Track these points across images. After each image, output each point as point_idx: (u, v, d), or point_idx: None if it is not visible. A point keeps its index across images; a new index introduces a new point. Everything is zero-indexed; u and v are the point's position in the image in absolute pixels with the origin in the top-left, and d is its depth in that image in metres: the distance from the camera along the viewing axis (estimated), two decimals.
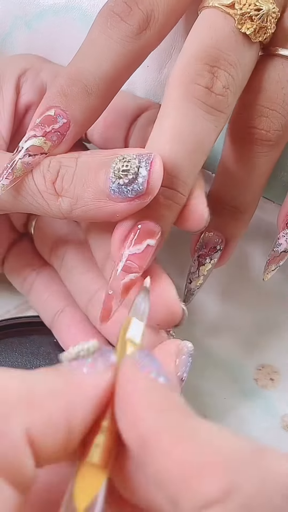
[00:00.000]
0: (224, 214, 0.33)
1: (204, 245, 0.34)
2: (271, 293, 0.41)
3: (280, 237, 0.33)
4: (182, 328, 0.40)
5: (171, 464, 0.18)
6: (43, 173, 0.28)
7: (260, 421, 0.38)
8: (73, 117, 0.29)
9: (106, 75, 0.29)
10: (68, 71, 0.29)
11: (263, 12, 0.28)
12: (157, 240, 0.28)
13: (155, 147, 0.28)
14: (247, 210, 0.33)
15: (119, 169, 0.27)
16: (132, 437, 0.19)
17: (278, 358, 0.40)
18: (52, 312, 0.35)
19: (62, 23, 0.36)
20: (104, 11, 0.29)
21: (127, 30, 0.29)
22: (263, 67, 0.30)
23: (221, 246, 0.34)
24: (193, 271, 0.34)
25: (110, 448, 0.20)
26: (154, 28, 0.29)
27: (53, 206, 0.28)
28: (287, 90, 0.30)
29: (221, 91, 0.28)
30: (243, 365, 0.39)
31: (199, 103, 0.28)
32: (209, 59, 0.28)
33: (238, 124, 0.31)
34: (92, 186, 0.28)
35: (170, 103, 0.28)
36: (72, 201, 0.28)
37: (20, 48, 0.38)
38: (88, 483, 0.19)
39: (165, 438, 0.18)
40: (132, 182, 0.27)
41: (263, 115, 0.30)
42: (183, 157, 0.28)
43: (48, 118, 0.29)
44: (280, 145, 0.31)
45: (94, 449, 0.20)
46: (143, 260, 0.28)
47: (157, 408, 0.19)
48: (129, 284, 0.28)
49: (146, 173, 0.27)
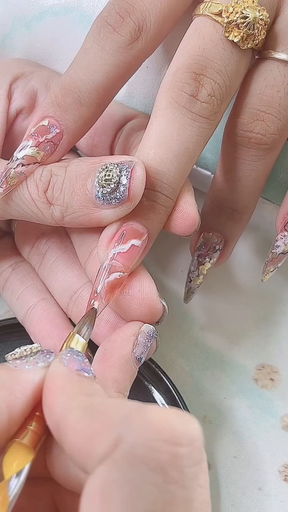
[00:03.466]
0: (222, 215, 0.33)
1: (204, 245, 0.34)
2: (271, 294, 0.41)
3: (278, 239, 0.33)
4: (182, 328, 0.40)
5: (75, 438, 0.21)
6: (36, 182, 0.29)
7: (260, 421, 0.38)
8: (66, 127, 0.29)
9: (98, 85, 0.29)
10: (63, 81, 0.30)
11: (249, 20, 0.28)
12: (143, 241, 0.29)
13: (141, 152, 0.29)
14: (245, 211, 0.33)
15: (102, 178, 0.28)
16: (50, 422, 0.22)
17: (278, 358, 0.40)
18: (25, 307, 0.35)
19: (62, 24, 0.36)
20: (98, 21, 0.30)
21: (119, 41, 0.29)
22: (259, 71, 0.30)
23: (220, 246, 0.34)
24: (193, 270, 0.35)
25: (40, 434, 0.23)
26: (146, 38, 0.29)
27: (46, 214, 0.29)
28: (282, 93, 0.30)
29: (206, 99, 0.29)
30: (243, 365, 0.39)
31: (185, 110, 0.29)
32: (195, 67, 0.29)
33: (234, 128, 0.31)
34: (79, 194, 0.29)
35: (158, 111, 0.29)
36: (62, 209, 0.29)
37: (20, 49, 0.38)
38: (17, 458, 0.22)
39: (71, 417, 0.21)
40: (114, 190, 0.28)
41: (259, 119, 0.30)
42: (167, 161, 0.29)
43: (41, 128, 0.29)
44: (276, 148, 0.31)
45: (26, 432, 0.23)
46: (128, 260, 0.29)
47: (69, 393, 0.22)
48: (114, 283, 0.29)
49: (126, 182, 0.28)
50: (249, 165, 0.31)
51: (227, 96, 0.29)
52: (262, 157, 0.31)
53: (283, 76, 0.30)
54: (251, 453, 0.37)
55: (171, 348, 0.40)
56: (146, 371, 0.36)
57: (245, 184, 0.32)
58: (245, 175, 0.31)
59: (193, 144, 0.29)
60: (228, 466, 0.36)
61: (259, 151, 0.31)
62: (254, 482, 0.36)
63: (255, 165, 0.31)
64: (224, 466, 0.36)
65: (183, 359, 0.39)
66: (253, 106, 0.30)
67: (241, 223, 0.34)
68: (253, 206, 0.34)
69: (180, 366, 0.39)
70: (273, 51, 0.30)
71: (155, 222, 0.29)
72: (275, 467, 0.36)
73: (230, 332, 0.41)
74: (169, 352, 0.39)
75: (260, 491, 0.36)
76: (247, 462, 0.36)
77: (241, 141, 0.31)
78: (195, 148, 0.29)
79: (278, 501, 0.35)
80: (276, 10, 0.30)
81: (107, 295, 0.29)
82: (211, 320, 0.41)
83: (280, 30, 0.30)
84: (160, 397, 0.36)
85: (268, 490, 0.36)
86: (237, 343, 0.40)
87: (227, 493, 0.35)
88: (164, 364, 0.36)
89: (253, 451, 0.37)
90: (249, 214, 0.34)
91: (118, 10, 0.29)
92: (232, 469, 0.36)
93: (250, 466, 0.36)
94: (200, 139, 0.29)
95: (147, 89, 0.36)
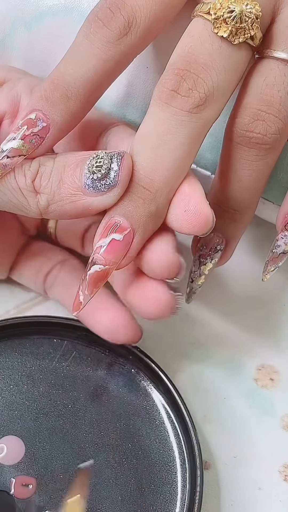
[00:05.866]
0: (223, 215, 0.33)
1: (205, 245, 0.34)
2: (271, 294, 0.42)
3: (278, 238, 0.33)
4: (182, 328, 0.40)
5: None
6: (24, 173, 0.30)
7: (260, 421, 0.38)
8: (53, 121, 0.30)
9: (86, 79, 0.29)
10: (52, 75, 0.30)
11: (235, 13, 0.29)
12: (125, 236, 0.29)
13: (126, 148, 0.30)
14: (246, 211, 0.33)
15: (93, 165, 0.29)
16: None
17: (278, 358, 0.40)
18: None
19: (62, 25, 0.36)
20: (90, 16, 0.30)
21: (108, 35, 0.29)
22: (259, 71, 0.30)
23: (222, 246, 0.34)
24: (195, 270, 0.35)
25: None
26: (135, 33, 0.29)
27: (32, 203, 0.30)
28: (283, 93, 0.30)
29: (186, 93, 0.29)
30: (243, 365, 0.40)
31: (165, 106, 0.29)
32: (180, 64, 0.29)
33: (235, 128, 0.31)
34: (67, 182, 0.29)
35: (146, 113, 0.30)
36: (49, 197, 0.29)
37: (20, 49, 0.38)
38: None
39: None
40: (105, 176, 0.29)
41: (259, 118, 0.30)
42: (142, 153, 0.29)
43: (28, 121, 0.30)
44: (277, 148, 0.31)
45: None
46: (109, 254, 0.29)
47: None
48: (95, 275, 0.29)
49: (117, 168, 0.28)
50: (249, 165, 0.31)
51: (217, 90, 0.29)
52: (263, 157, 0.31)
53: (283, 76, 0.30)
54: (251, 453, 0.37)
55: (171, 348, 0.40)
56: (146, 371, 0.36)
57: (246, 184, 0.32)
58: (245, 175, 0.31)
59: (171, 136, 0.29)
60: (228, 466, 0.36)
61: (259, 151, 0.30)
62: (254, 482, 0.36)
63: (256, 165, 0.31)
64: (224, 466, 0.36)
65: (183, 359, 0.39)
66: (253, 106, 0.30)
67: (242, 223, 0.34)
68: (254, 206, 0.34)
69: (180, 366, 0.39)
70: (273, 50, 0.30)
71: (136, 215, 0.29)
72: (275, 467, 0.36)
73: (230, 332, 0.41)
74: (169, 352, 0.39)
75: (260, 491, 0.36)
76: (247, 462, 0.36)
77: (241, 141, 0.31)
78: (175, 141, 0.29)
79: (278, 501, 0.35)
80: (274, 8, 0.30)
81: (89, 287, 0.29)
82: (211, 320, 0.41)
83: (280, 29, 0.30)
84: (160, 397, 0.36)
85: (268, 490, 0.36)
86: (237, 343, 0.40)
87: (227, 493, 0.35)
88: (164, 364, 0.36)
89: (253, 451, 0.37)
90: (250, 214, 0.34)
91: (109, 5, 0.29)
92: (232, 469, 0.36)
93: (250, 466, 0.36)
94: (181, 133, 0.29)
95: (147, 89, 0.36)
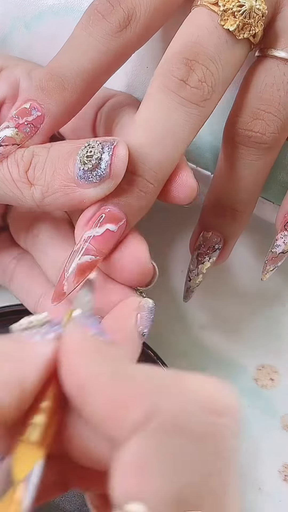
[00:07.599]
0: (222, 214, 0.33)
1: (203, 244, 0.34)
2: (271, 294, 0.41)
3: (278, 238, 0.33)
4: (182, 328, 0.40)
5: (103, 403, 0.19)
6: (17, 162, 0.29)
7: (260, 421, 0.38)
8: (48, 110, 0.30)
9: (83, 71, 0.29)
10: (48, 66, 0.30)
11: (245, 8, 0.29)
12: (119, 227, 0.29)
13: (126, 135, 0.29)
14: (245, 210, 0.33)
15: (84, 155, 0.28)
16: (72, 388, 0.20)
17: (278, 358, 0.40)
18: (35, 297, 0.35)
19: (62, 24, 0.36)
20: (89, 9, 0.30)
21: (107, 28, 0.29)
22: (258, 69, 0.30)
23: (220, 246, 0.34)
24: (192, 269, 0.35)
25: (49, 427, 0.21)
26: (134, 27, 0.29)
27: (26, 195, 0.29)
28: (282, 92, 0.30)
29: (196, 84, 0.28)
30: (243, 365, 0.40)
31: (173, 95, 0.29)
32: (188, 53, 0.29)
33: (234, 126, 0.31)
34: (61, 173, 0.29)
35: (148, 96, 0.29)
36: (43, 189, 0.29)
37: (20, 49, 0.38)
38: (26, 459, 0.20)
39: (98, 381, 0.20)
40: (96, 167, 0.28)
41: (259, 117, 0.30)
42: (150, 145, 0.29)
43: (23, 110, 0.30)
44: (276, 147, 0.31)
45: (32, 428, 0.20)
46: (101, 244, 0.28)
47: (93, 357, 0.21)
48: (85, 265, 0.29)
49: (108, 158, 0.28)
50: (249, 164, 0.31)
51: (219, 84, 0.29)
52: (262, 156, 0.31)
53: (283, 75, 0.30)
54: (251, 453, 0.37)
55: (171, 348, 0.40)
56: None
57: (245, 184, 0.32)
58: (245, 174, 0.31)
59: (179, 128, 0.29)
60: None
61: (259, 150, 0.30)
62: (254, 482, 0.36)
63: (255, 164, 0.31)
64: None
65: (183, 359, 0.39)
66: (253, 105, 0.30)
67: (241, 223, 0.34)
68: (253, 205, 0.34)
69: (180, 366, 0.39)
70: (273, 49, 0.30)
71: (133, 207, 0.29)
72: (275, 467, 0.36)
73: (230, 332, 0.41)
74: (169, 352, 0.39)
75: (260, 491, 0.36)
76: (247, 462, 0.36)
77: (241, 140, 0.31)
78: (182, 134, 0.29)
79: (278, 501, 0.35)
80: (275, 7, 0.30)
81: (76, 277, 0.29)
82: (210, 319, 0.41)
83: (280, 28, 0.30)
84: None
85: (268, 490, 0.36)
86: (237, 343, 0.40)
87: None
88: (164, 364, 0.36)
89: (253, 451, 0.37)
90: (249, 214, 0.34)
91: None
92: None
93: (250, 466, 0.36)
94: (188, 125, 0.29)
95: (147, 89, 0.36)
